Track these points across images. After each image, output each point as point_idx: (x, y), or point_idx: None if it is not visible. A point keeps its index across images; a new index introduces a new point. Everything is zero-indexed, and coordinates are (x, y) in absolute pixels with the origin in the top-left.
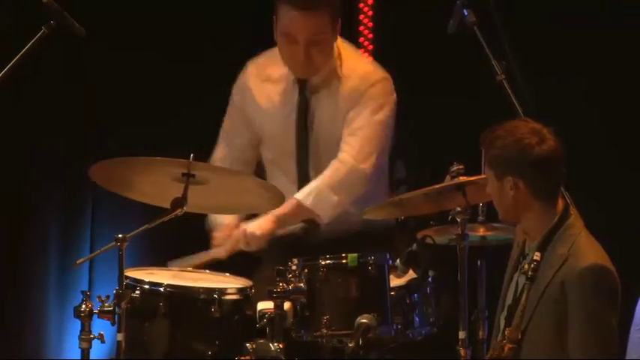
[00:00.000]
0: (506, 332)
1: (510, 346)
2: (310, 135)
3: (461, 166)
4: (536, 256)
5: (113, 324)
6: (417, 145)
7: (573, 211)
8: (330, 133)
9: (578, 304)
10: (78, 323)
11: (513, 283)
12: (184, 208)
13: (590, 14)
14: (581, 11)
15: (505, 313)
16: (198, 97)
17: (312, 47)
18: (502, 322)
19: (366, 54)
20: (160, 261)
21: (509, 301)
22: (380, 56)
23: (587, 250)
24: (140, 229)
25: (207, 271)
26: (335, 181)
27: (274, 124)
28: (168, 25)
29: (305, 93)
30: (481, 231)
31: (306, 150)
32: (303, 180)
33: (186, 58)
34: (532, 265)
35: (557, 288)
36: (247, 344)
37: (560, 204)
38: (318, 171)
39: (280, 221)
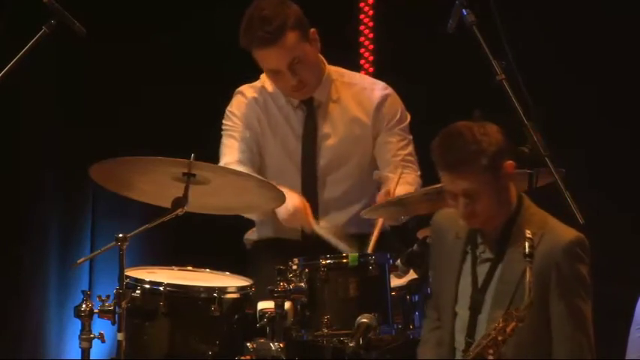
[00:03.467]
0: (513, 312)
1: (516, 324)
2: (318, 153)
3: None
4: (528, 234)
5: (113, 323)
6: (417, 145)
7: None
8: (340, 145)
9: (570, 276)
10: (78, 323)
11: (466, 274)
12: (185, 207)
13: (590, 12)
14: (581, 9)
15: (469, 302)
16: (198, 97)
17: (297, 69)
18: (465, 312)
19: (367, 53)
20: (160, 261)
21: (466, 290)
22: (380, 56)
23: (562, 226)
24: (140, 228)
25: (208, 269)
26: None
27: (282, 147)
28: (170, 25)
29: (312, 109)
30: None
31: (312, 169)
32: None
33: (187, 58)
34: (529, 243)
35: (537, 265)
36: (248, 344)
37: (513, 188)
38: (328, 187)
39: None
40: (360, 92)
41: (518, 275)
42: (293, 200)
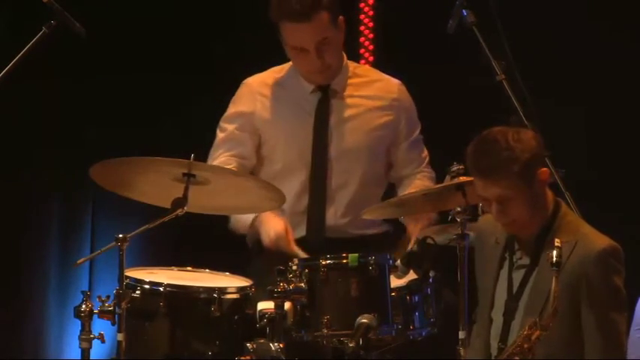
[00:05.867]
0: (537, 320)
1: (541, 333)
2: (330, 138)
3: (461, 166)
4: (557, 242)
5: (113, 324)
6: None
7: (560, 200)
8: (356, 132)
9: (602, 286)
10: (78, 323)
11: (502, 280)
12: (185, 208)
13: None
14: (581, 8)
15: (503, 309)
16: (198, 97)
17: (323, 50)
18: (500, 319)
19: (367, 53)
20: (160, 261)
21: (502, 296)
22: (380, 56)
23: (596, 234)
24: (140, 229)
25: (207, 270)
26: None
27: (292, 129)
28: (170, 25)
29: (327, 95)
30: None
31: (323, 154)
32: (316, 183)
33: (187, 58)
34: (557, 252)
35: (570, 274)
36: (247, 344)
37: (549, 195)
38: (336, 175)
39: None
40: (374, 82)
41: (551, 283)
42: (275, 225)
